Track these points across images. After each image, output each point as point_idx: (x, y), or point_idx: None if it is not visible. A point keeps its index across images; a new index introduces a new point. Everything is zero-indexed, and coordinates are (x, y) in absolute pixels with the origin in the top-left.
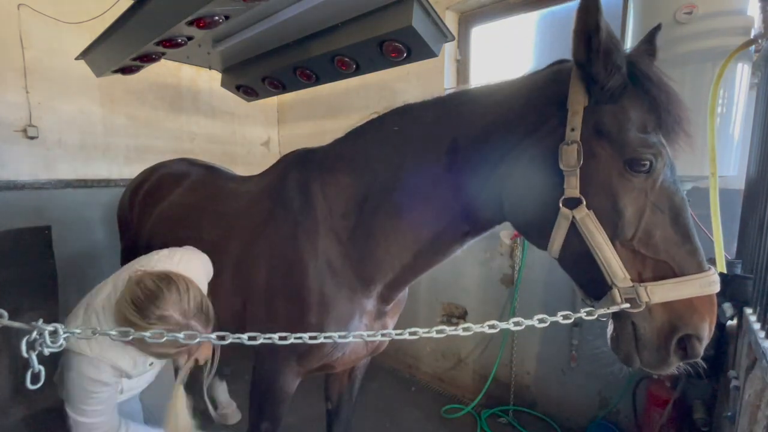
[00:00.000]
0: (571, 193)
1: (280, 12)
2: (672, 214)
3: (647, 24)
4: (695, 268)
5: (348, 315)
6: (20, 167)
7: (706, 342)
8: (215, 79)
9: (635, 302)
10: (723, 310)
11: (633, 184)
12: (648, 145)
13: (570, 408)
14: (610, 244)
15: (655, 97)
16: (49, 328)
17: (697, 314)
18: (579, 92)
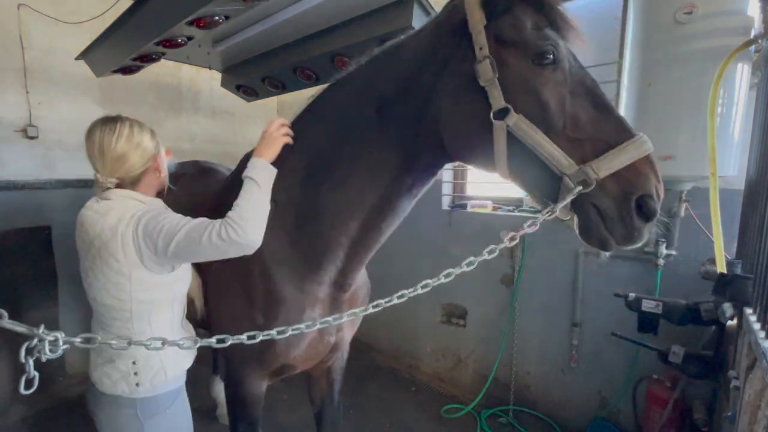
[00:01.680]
0: (498, 105)
1: (280, 12)
2: (589, 95)
3: (647, 24)
4: (626, 135)
5: (297, 307)
6: (20, 167)
7: (659, 199)
8: (215, 79)
9: (587, 183)
10: (723, 310)
11: (546, 77)
12: (545, 38)
13: (570, 408)
14: (547, 138)
15: (536, 3)
16: (49, 338)
17: (642, 175)
18: (477, 15)
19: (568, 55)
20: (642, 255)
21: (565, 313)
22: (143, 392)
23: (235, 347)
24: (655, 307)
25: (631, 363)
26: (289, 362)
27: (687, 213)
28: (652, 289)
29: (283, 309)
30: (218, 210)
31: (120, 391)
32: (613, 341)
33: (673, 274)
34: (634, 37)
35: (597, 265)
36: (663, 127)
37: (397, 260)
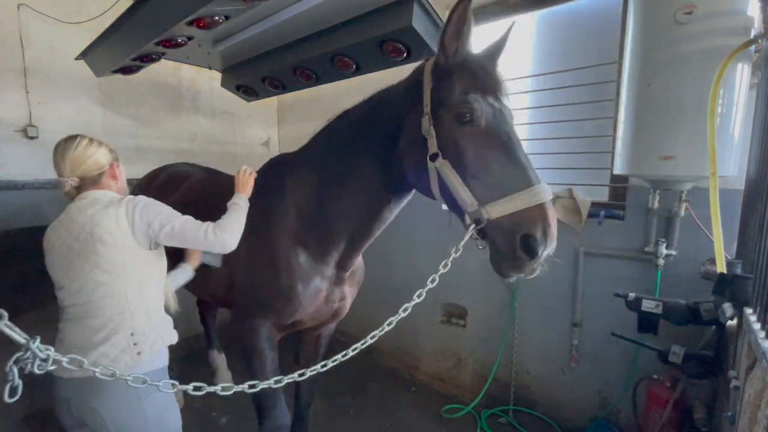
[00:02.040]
0: (432, 150)
1: (280, 12)
2: (501, 149)
3: (647, 24)
4: (524, 184)
5: (311, 276)
6: (20, 167)
7: (544, 240)
8: (215, 79)
9: (479, 221)
10: (723, 310)
11: (464, 132)
12: (465, 102)
13: (570, 408)
14: (460, 181)
15: (473, 69)
16: (41, 355)
17: (530, 218)
18: (428, 78)
19: (488, 114)
20: (642, 255)
21: (565, 313)
22: (145, 361)
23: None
24: (655, 307)
25: (631, 363)
26: (300, 319)
27: (687, 213)
28: (652, 289)
29: (299, 274)
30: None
31: (123, 364)
32: (613, 341)
33: (673, 274)
34: (634, 37)
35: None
36: (663, 127)
37: (398, 260)
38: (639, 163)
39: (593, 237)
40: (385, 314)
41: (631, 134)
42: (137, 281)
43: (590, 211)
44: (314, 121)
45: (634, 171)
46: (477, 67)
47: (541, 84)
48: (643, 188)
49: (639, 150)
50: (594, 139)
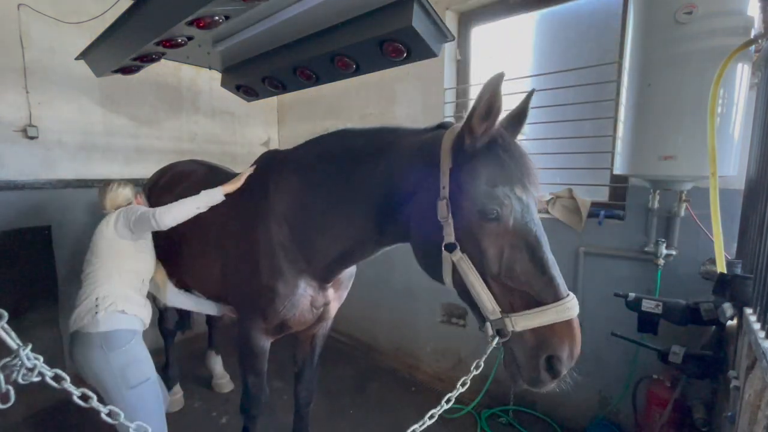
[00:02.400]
0: (449, 240)
1: (280, 12)
2: (528, 251)
3: (647, 24)
4: (552, 297)
5: (294, 281)
6: (20, 167)
7: (569, 361)
8: (215, 79)
9: (503, 333)
10: (723, 310)
11: (488, 229)
12: (492, 197)
13: (570, 408)
14: (481, 281)
15: (501, 157)
16: (27, 364)
17: (557, 337)
18: (447, 156)
19: (517, 212)
20: (642, 255)
21: None
22: (102, 322)
23: (245, 304)
24: (655, 307)
25: (631, 363)
26: (286, 322)
27: (687, 213)
28: (652, 289)
29: (281, 277)
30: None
31: (86, 321)
32: (613, 341)
33: (673, 274)
34: (634, 37)
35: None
36: (663, 127)
37: (398, 261)
38: (639, 163)
39: (593, 237)
40: (385, 315)
41: (631, 134)
42: (112, 265)
43: (590, 211)
44: (314, 121)
45: (634, 171)
46: (504, 153)
47: (541, 84)
48: (643, 188)
49: (639, 150)
50: (594, 139)
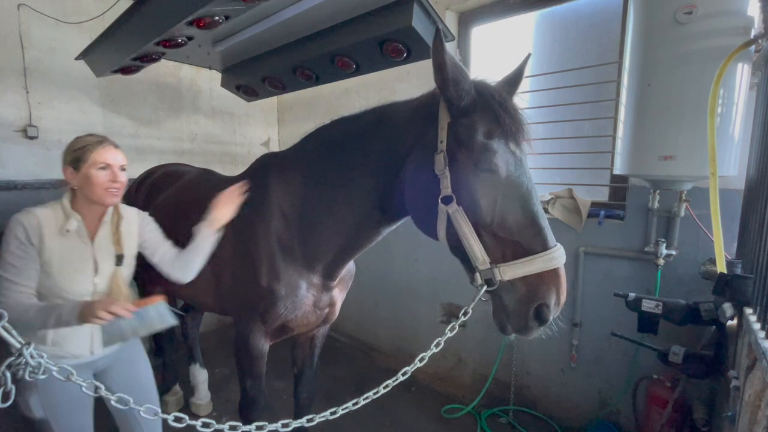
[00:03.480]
0: (445, 192)
1: (280, 12)
2: (520, 202)
3: (647, 24)
4: (540, 246)
5: (296, 283)
6: (20, 167)
7: (556, 308)
8: (215, 79)
9: (491, 282)
10: (723, 310)
11: (483, 180)
12: (488, 149)
13: (570, 408)
14: (474, 233)
15: (496, 111)
16: (32, 362)
17: (545, 285)
18: (444, 112)
19: (510, 163)
20: (642, 255)
21: (565, 313)
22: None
23: (243, 308)
24: (655, 307)
25: (631, 363)
26: (287, 324)
27: (687, 213)
28: (652, 289)
29: (282, 278)
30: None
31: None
32: (613, 341)
33: (673, 274)
34: (634, 37)
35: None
36: (663, 127)
37: (398, 260)
38: (639, 163)
39: (593, 237)
40: (384, 315)
41: (631, 134)
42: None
43: (590, 211)
44: (314, 121)
45: (634, 171)
46: (499, 108)
47: (541, 84)
48: (643, 188)
49: (639, 150)
50: (594, 139)
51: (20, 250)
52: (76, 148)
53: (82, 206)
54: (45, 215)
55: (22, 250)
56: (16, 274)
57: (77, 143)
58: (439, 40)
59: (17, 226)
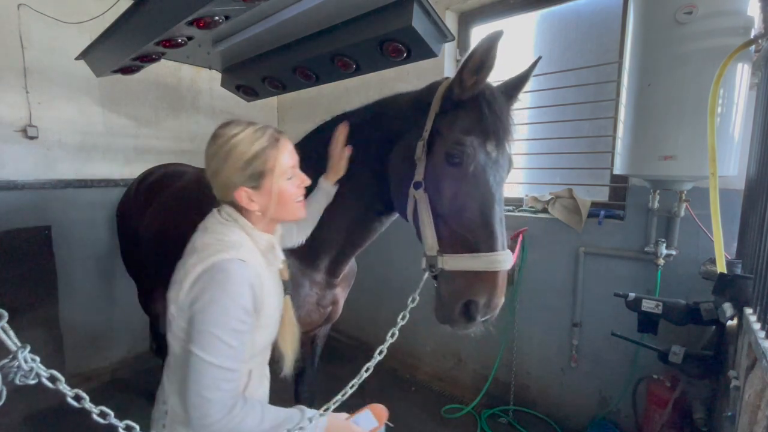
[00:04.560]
0: (417, 178)
1: (280, 12)
2: (479, 201)
3: (647, 24)
4: (487, 247)
5: (299, 282)
6: (20, 167)
7: (486, 309)
8: (215, 79)
9: (433, 268)
10: (723, 310)
11: (450, 172)
12: (460, 143)
13: (570, 408)
14: (431, 220)
15: (482, 109)
16: (24, 366)
17: (479, 284)
18: (437, 102)
19: (480, 163)
20: (642, 255)
21: (565, 313)
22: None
23: None
24: (655, 307)
25: (631, 363)
26: None
27: (687, 213)
28: (652, 289)
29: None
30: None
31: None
32: (613, 341)
33: (673, 274)
34: (634, 37)
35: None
36: (663, 127)
37: (398, 260)
38: (639, 163)
39: (593, 237)
40: (385, 315)
41: (631, 134)
42: None
43: (590, 211)
44: (314, 121)
45: (634, 171)
46: (488, 107)
47: (541, 84)
48: (643, 188)
49: (639, 150)
50: (594, 139)
51: (244, 324)
52: (248, 158)
53: (263, 228)
54: (254, 258)
55: (245, 323)
56: (233, 357)
57: (245, 149)
58: (498, 36)
59: (243, 289)
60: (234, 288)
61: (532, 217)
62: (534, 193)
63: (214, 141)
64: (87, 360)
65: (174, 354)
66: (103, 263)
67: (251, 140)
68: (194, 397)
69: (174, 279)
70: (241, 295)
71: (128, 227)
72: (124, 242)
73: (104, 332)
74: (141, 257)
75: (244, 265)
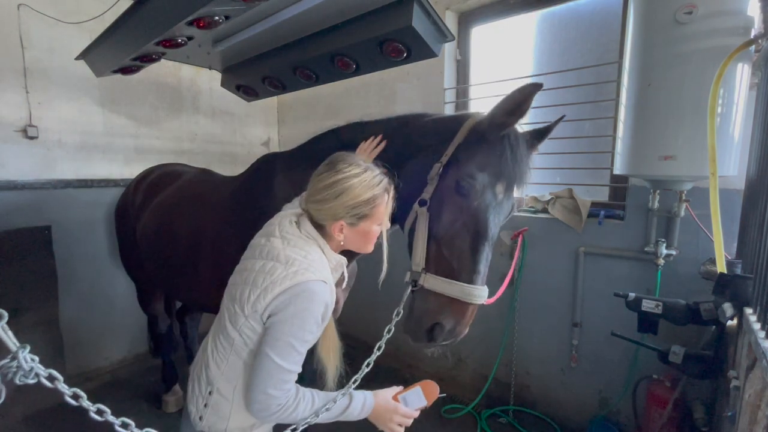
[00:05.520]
0: (425, 196)
1: (280, 12)
2: (473, 236)
3: (647, 24)
4: (467, 278)
5: None
6: (20, 167)
7: (449, 335)
8: (215, 79)
9: (416, 284)
10: (723, 310)
11: (456, 200)
12: (472, 178)
13: (570, 408)
14: (425, 239)
15: (503, 153)
16: (24, 366)
17: (450, 310)
18: (463, 134)
19: (485, 201)
20: (642, 255)
21: (565, 313)
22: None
23: None
24: (655, 307)
25: (631, 363)
26: None
27: (687, 213)
28: (652, 289)
29: None
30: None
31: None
32: (613, 341)
33: (673, 274)
34: (634, 37)
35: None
36: (663, 127)
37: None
38: (639, 163)
39: (593, 237)
40: (385, 315)
41: (631, 134)
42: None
43: (590, 211)
44: (314, 121)
45: (634, 171)
46: (510, 150)
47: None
48: (643, 188)
49: (639, 150)
50: (594, 139)
51: (312, 335)
52: (359, 202)
53: (334, 248)
54: (329, 277)
55: (314, 334)
56: (299, 362)
57: (360, 193)
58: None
59: (321, 308)
60: (314, 306)
61: (532, 217)
62: (534, 193)
63: (332, 173)
64: (87, 360)
65: (232, 344)
66: (103, 263)
67: (368, 186)
68: (259, 393)
69: (249, 280)
70: (318, 313)
71: (127, 227)
72: (123, 242)
73: (104, 332)
74: (140, 257)
75: (325, 286)
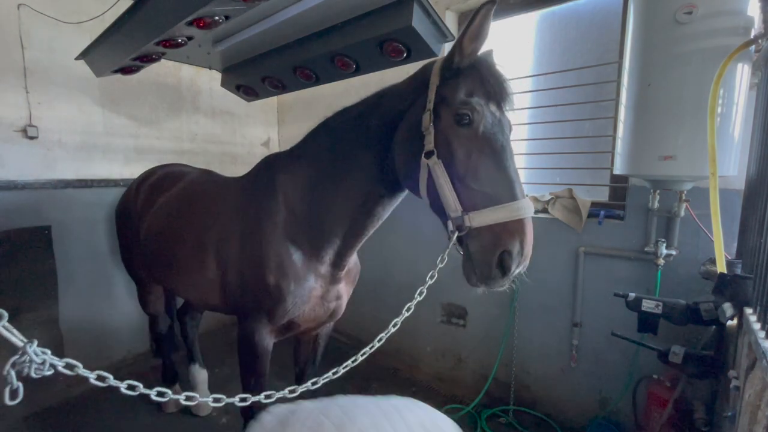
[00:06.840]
0: (428, 147)
1: (280, 12)
2: (493, 157)
3: (647, 24)
4: (508, 197)
5: (303, 275)
6: (20, 167)
7: (519, 258)
8: (215, 79)
9: (461, 228)
10: (723, 310)
11: (460, 134)
12: (466, 104)
13: (570, 408)
14: (450, 184)
15: (482, 74)
16: (36, 359)
17: (508, 233)
18: (435, 76)
19: (488, 121)
20: (642, 255)
21: (565, 313)
22: None
23: (250, 305)
24: (655, 307)
25: (631, 363)
26: (294, 320)
27: (687, 213)
28: (652, 289)
29: (291, 274)
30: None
31: None
32: (613, 341)
33: (673, 274)
34: (634, 37)
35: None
36: (663, 127)
37: (399, 260)
38: (639, 163)
39: (593, 237)
40: (386, 315)
41: (631, 134)
42: None
43: (590, 211)
44: (314, 121)
45: (634, 171)
46: (487, 72)
47: (542, 84)
48: (643, 188)
49: (639, 150)
50: (594, 139)
51: None
52: None
53: None
54: None
55: None
56: None
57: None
58: (492, 5)
59: None
60: None
61: (532, 217)
62: (534, 193)
63: None
64: (87, 360)
65: None
66: (103, 263)
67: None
68: None
69: None
70: None
71: (129, 227)
72: (125, 242)
73: (104, 332)
74: (142, 257)
75: None
